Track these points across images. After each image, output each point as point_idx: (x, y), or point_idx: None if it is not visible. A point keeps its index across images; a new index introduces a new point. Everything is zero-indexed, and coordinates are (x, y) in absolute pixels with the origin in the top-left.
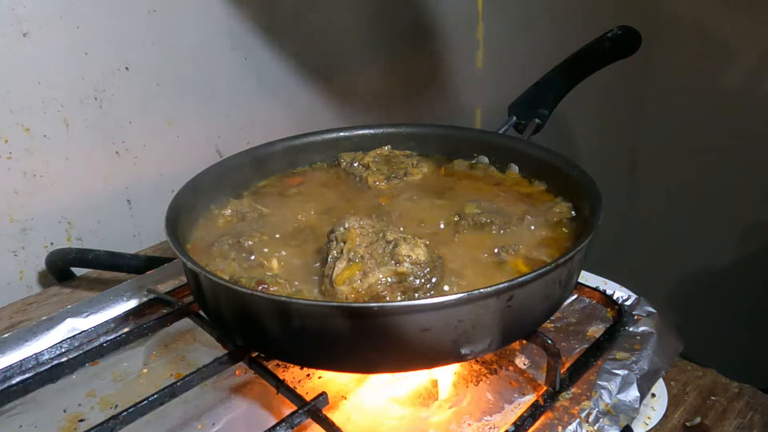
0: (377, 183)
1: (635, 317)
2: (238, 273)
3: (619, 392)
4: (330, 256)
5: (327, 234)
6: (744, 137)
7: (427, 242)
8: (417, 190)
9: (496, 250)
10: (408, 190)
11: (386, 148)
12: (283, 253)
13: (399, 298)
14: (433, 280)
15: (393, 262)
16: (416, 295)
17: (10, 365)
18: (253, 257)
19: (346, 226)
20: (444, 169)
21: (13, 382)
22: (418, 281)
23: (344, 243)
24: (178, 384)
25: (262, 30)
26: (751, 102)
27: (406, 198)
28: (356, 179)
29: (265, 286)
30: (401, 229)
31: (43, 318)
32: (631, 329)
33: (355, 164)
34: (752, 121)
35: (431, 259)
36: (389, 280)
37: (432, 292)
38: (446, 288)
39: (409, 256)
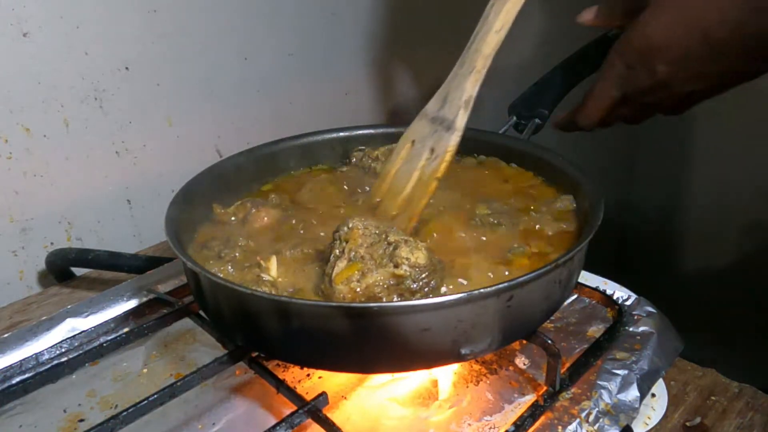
0: None
1: (635, 317)
2: (238, 273)
3: (619, 392)
4: (332, 255)
5: (332, 233)
6: (744, 136)
7: (428, 246)
8: None
9: (505, 250)
10: None
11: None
12: (282, 253)
13: (395, 300)
14: (432, 284)
15: (391, 264)
16: (413, 298)
17: (10, 365)
18: (252, 257)
19: (350, 225)
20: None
21: (13, 382)
22: (415, 285)
23: (346, 242)
24: (178, 384)
25: (262, 30)
26: (752, 100)
27: None
28: (365, 171)
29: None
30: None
31: (43, 318)
32: (631, 329)
33: (364, 159)
34: (753, 119)
35: (431, 263)
36: (388, 282)
37: (430, 296)
38: (445, 289)
39: (407, 259)
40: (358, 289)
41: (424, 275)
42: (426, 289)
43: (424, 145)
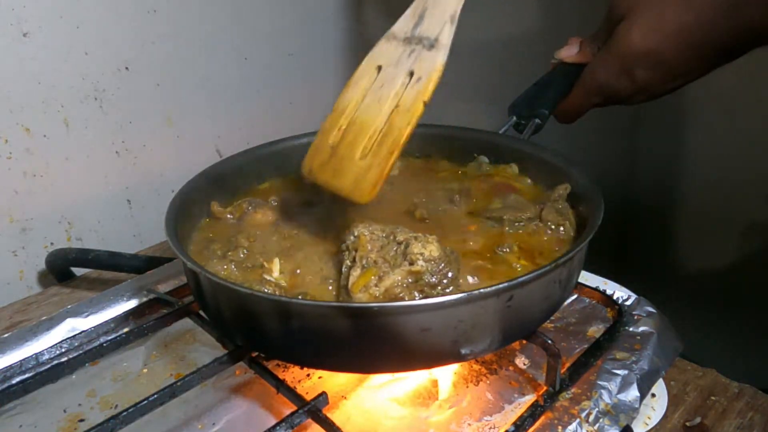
0: None
1: (635, 317)
2: (236, 274)
3: (619, 392)
4: (344, 266)
5: (339, 245)
6: (744, 136)
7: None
8: (393, 190)
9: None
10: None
11: None
12: (283, 253)
13: (417, 298)
14: (449, 274)
15: (406, 262)
16: (434, 292)
17: (10, 365)
18: (252, 258)
19: (356, 234)
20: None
21: (13, 382)
22: (434, 278)
23: (356, 251)
24: (178, 384)
25: (262, 30)
26: (752, 101)
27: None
28: None
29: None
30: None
31: (43, 318)
32: (631, 329)
33: None
34: (753, 120)
35: (444, 254)
36: (407, 281)
37: (451, 288)
38: (472, 280)
39: (422, 254)
40: (378, 294)
41: (440, 267)
42: (445, 281)
43: (398, 69)
